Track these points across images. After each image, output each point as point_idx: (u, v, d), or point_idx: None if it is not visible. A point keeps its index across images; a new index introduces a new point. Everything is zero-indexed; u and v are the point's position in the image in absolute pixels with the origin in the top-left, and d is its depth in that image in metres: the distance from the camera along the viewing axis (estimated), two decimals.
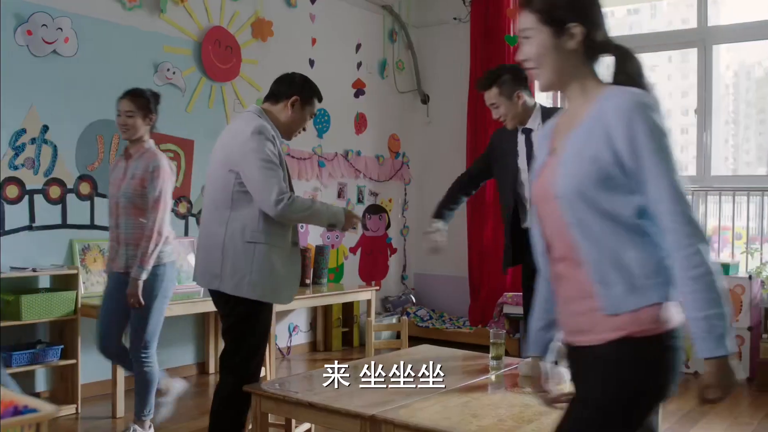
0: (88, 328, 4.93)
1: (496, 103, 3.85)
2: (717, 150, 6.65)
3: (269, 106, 3.52)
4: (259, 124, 3.33)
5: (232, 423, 3.41)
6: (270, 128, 3.38)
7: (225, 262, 3.33)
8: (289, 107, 3.48)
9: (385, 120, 7.60)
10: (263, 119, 3.41)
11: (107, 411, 4.77)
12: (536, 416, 2.89)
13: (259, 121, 3.36)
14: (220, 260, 3.34)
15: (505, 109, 3.84)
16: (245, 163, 3.27)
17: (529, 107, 3.89)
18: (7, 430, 1.45)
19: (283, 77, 3.58)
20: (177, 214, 5.69)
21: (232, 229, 3.33)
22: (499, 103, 3.84)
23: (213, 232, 3.38)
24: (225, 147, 3.41)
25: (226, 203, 3.35)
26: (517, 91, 3.83)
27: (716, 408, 5.05)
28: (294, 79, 3.57)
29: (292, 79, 3.56)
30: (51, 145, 4.95)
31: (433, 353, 4.08)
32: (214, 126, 5.93)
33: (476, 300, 7.33)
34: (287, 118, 3.50)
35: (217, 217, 3.37)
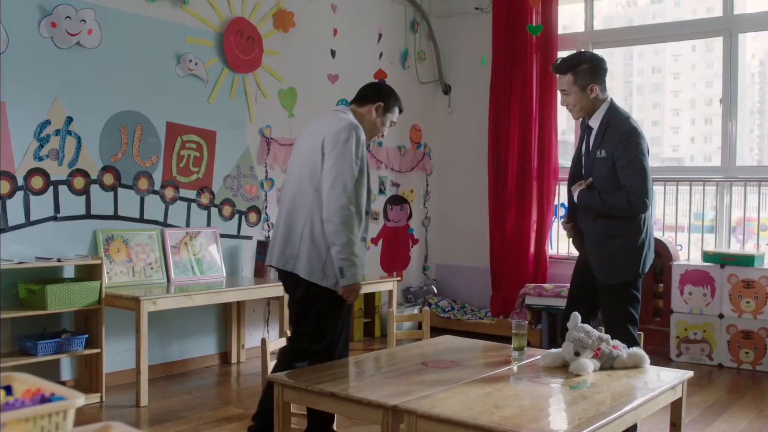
0: (112, 317, 4.98)
1: (568, 91, 3.79)
2: (742, 140, 6.58)
3: (355, 107, 3.66)
4: (354, 122, 3.49)
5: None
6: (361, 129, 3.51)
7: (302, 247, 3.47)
8: (373, 111, 3.63)
9: (406, 110, 7.50)
10: (353, 118, 3.54)
11: (131, 400, 4.81)
12: (559, 407, 2.89)
13: (352, 120, 3.51)
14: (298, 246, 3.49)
15: (575, 99, 3.79)
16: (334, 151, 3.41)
17: (599, 102, 3.81)
18: (35, 418, 1.47)
19: (371, 83, 3.83)
20: (200, 205, 5.72)
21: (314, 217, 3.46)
22: (570, 92, 3.79)
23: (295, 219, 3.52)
24: (315, 135, 3.52)
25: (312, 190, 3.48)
26: (591, 84, 3.77)
27: (741, 400, 5.02)
28: (381, 86, 3.78)
29: (380, 86, 3.78)
30: (75, 137, 4.99)
31: (454, 344, 4.08)
32: (236, 117, 5.96)
33: (498, 291, 7.32)
34: (370, 122, 3.63)
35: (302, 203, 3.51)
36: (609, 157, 3.70)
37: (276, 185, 6.27)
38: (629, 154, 3.66)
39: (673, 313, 6.15)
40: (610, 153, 3.69)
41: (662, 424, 4.00)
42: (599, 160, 3.74)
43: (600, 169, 3.74)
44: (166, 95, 5.49)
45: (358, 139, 3.44)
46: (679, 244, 6.70)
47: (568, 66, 3.79)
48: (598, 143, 3.74)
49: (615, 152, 3.68)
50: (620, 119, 3.75)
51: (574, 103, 3.80)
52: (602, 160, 3.73)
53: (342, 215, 3.39)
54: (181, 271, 5.47)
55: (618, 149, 3.67)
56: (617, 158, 3.68)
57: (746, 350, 5.84)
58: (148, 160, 5.40)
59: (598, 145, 3.74)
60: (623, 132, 3.69)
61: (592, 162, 3.76)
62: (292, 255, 3.50)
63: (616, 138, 3.68)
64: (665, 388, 3.24)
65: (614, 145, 3.68)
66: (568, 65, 3.79)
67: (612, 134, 3.70)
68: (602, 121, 3.77)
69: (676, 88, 8.15)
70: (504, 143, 7.25)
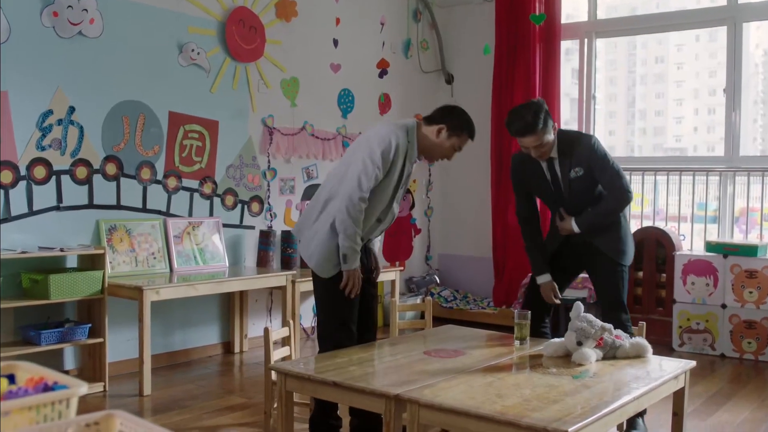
0: (114, 307, 4.99)
1: (541, 144, 3.85)
2: (745, 130, 6.56)
3: (424, 125, 3.70)
4: (396, 137, 3.55)
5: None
6: (403, 145, 3.58)
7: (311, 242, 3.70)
8: (436, 132, 3.65)
9: (409, 100, 7.57)
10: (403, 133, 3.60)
11: (134, 389, 4.83)
12: (561, 396, 2.89)
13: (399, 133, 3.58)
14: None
15: (548, 146, 3.90)
16: (358, 156, 3.57)
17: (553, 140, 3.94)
18: (38, 406, 1.47)
19: (447, 105, 3.79)
20: (202, 195, 5.72)
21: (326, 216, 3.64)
22: (542, 144, 3.86)
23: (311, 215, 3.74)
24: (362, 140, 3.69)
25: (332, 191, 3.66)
26: (553, 124, 3.89)
27: (743, 390, 5.02)
28: (453, 110, 3.75)
29: (451, 109, 3.75)
30: (77, 126, 4.98)
31: (457, 333, 4.08)
32: (238, 106, 5.95)
33: (500, 280, 7.32)
34: (431, 143, 3.67)
35: (322, 199, 3.70)
36: (586, 171, 3.93)
37: (279, 175, 6.26)
38: (601, 161, 3.91)
39: (675, 303, 6.15)
40: (585, 168, 3.92)
41: (665, 413, 4.00)
42: (577, 179, 3.95)
43: (580, 185, 3.96)
44: (169, 85, 5.48)
45: (389, 149, 3.53)
46: (682, 234, 6.70)
47: (534, 126, 3.81)
48: (568, 166, 3.94)
49: (590, 164, 3.91)
50: (574, 137, 4.00)
51: (548, 150, 3.92)
52: (580, 177, 3.95)
53: (352, 208, 3.51)
54: (184, 260, 5.47)
55: (591, 161, 3.91)
56: (593, 168, 3.92)
57: (749, 340, 5.84)
58: (151, 150, 5.39)
59: (569, 166, 3.94)
60: (586, 146, 3.93)
61: (568, 183, 3.96)
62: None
63: (585, 154, 3.91)
64: (668, 378, 3.25)
65: (585, 159, 3.91)
66: (533, 124, 3.80)
67: (579, 152, 3.91)
68: (561, 149, 3.93)
69: (680, 78, 8.11)
70: (506, 133, 7.19)
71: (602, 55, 7.51)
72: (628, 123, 8.35)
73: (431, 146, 3.69)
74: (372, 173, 3.52)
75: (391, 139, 3.54)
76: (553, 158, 3.98)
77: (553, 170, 4.01)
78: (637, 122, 8.30)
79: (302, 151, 6.44)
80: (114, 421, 1.45)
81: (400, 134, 3.59)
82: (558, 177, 4.00)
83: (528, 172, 4.09)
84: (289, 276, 5.62)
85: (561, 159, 3.95)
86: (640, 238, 6.46)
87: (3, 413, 1.42)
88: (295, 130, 6.38)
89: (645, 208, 6.97)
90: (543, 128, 3.81)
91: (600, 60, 7.41)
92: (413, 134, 3.65)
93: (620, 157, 7.53)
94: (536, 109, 3.82)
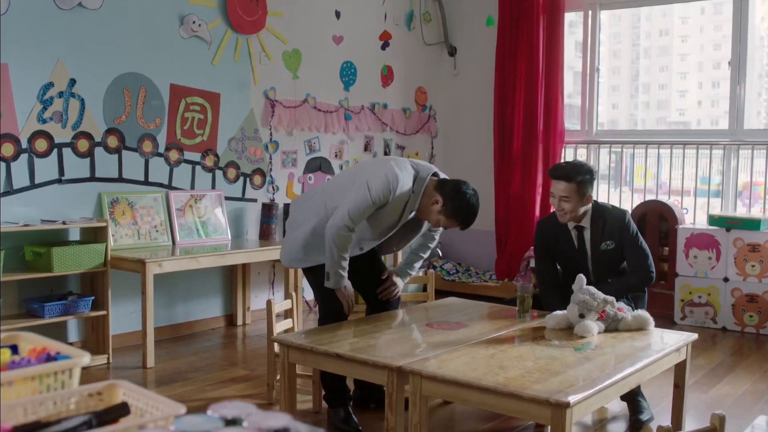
0: (117, 280, 5.00)
1: (568, 198, 3.89)
2: (750, 104, 6.52)
3: (435, 184, 3.65)
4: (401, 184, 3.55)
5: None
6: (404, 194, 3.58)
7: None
8: (434, 201, 3.62)
9: (411, 72, 7.52)
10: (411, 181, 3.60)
11: (138, 361, 4.85)
12: (563, 368, 2.90)
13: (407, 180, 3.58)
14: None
15: (573, 206, 3.92)
16: (361, 179, 3.59)
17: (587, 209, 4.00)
18: (41, 376, 1.47)
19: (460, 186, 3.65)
20: (204, 168, 5.71)
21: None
22: (570, 198, 3.90)
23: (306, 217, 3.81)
24: (368, 163, 3.78)
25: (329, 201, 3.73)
26: (589, 194, 3.97)
27: (744, 362, 5.03)
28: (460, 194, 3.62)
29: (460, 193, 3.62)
30: (78, 99, 4.96)
31: (459, 306, 4.09)
32: (240, 79, 5.91)
33: (503, 254, 7.32)
34: (426, 205, 3.64)
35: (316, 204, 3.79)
36: (617, 245, 3.98)
37: (281, 148, 6.25)
38: (632, 239, 3.98)
39: (678, 277, 6.15)
40: (617, 242, 3.97)
41: (666, 386, 4.02)
42: (607, 252, 3.99)
43: (610, 259, 4.00)
44: (170, 57, 5.45)
45: (386, 190, 3.53)
46: (685, 208, 6.68)
47: (573, 174, 3.89)
48: (598, 238, 3.98)
49: (622, 240, 3.97)
50: (610, 212, 4.05)
51: (570, 210, 3.92)
52: (610, 251, 3.99)
53: (338, 238, 3.53)
54: (187, 233, 5.48)
55: (623, 236, 3.97)
56: (624, 243, 3.97)
57: (750, 314, 5.85)
58: (152, 123, 5.37)
59: (600, 239, 3.98)
60: (619, 220, 4.00)
61: (598, 255, 3.99)
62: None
63: (617, 228, 3.97)
64: (669, 351, 3.26)
65: (618, 234, 3.97)
66: (573, 173, 3.89)
67: (612, 226, 3.98)
68: (594, 220, 3.99)
69: (684, 51, 8.07)
70: (510, 105, 7.21)
71: (606, 27, 7.45)
72: (631, 96, 8.32)
73: (425, 208, 3.67)
74: (361, 212, 3.54)
75: (390, 183, 3.54)
76: (584, 228, 4.02)
77: (582, 240, 4.03)
78: (640, 96, 8.26)
79: (304, 123, 6.42)
80: (117, 391, 1.46)
81: (407, 181, 3.59)
82: (585, 247, 4.02)
83: (554, 238, 4.08)
84: None
85: (593, 229, 3.99)
86: (642, 211, 6.45)
87: (6, 383, 1.42)
88: (297, 103, 6.35)
89: (648, 182, 6.95)
90: (578, 186, 3.88)
91: (604, 33, 7.35)
92: (421, 186, 3.64)
93: (623, 131, 7.51)
94: (583, 169, 3.94)
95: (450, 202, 3.59)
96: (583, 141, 7.23)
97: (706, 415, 2.43)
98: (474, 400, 2.72)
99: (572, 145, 7.24)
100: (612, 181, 7.29)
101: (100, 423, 1.31)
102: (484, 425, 3.82)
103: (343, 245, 3.55)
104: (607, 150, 7.23)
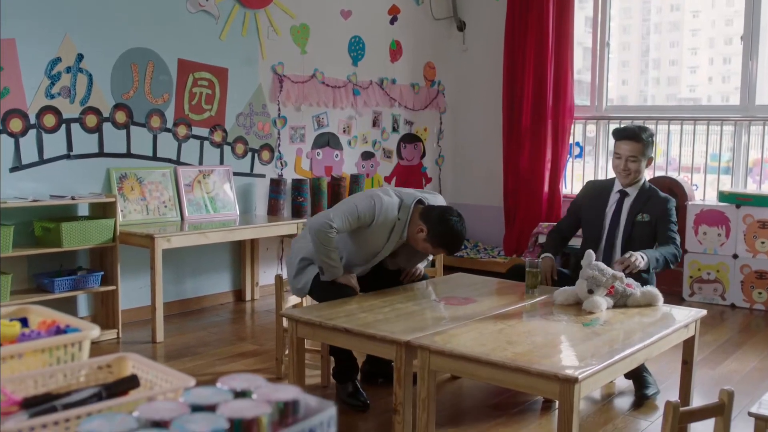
0: (126, 255, 5.01)
1: (635, 157, 4.01)
2: (762, 79, 6.45)
3: (420, 212, 3.67)
4: (384, 211, 3.62)
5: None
6: (388, 218, 3.63)
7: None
8: (418, 229, 3.64)
9: (420, 48, 7.47)
10: (395, 209, 3.65)
11: (147, 336, 4.87)
12: (571, 344, 2.90)
13: (390, 209, 3.64)
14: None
15: (639, 166, 4.04)
16: (349, 199, 3.79)
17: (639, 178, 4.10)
18: (51, 348, 1.48)
19: (443, 212, 3.66)
20: (212, 143, 5.70)
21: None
22: (638, 158, 4.02)
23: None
24: (371, 192, 3.81)
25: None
26: (651, 155, 4.12)
27: (752, 339, 5.03)
28: (443, 221, 3.63)
29: (443, 220, 3.62)
30: (86, 74, 4.95)
31: (467, 281, 4.09)
32: (248, 54, 5.89)
33: (511, 229, 7.31)
34: (413, 235, 3.68)
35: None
36: (652, 221, 4.02)
37: (289, 123, 6.23)
38: (669, 220, 4.01)
39: (687, 253, 6.13)
40: (654, 217, 4.02)
41: (674, 362, 4.01)
42: (641, 223, 4.04)
43: (642, 230, 4.03)
44: (177, 32, 5.42)
45: (371, 208, 3.62)
46: (695, 184, 6.65)
47: (640, 134, 4.03)
48: (638, 209, 4.05)
49: (658, 218, 4.01)
50: (658, 192, 4.12)
51: (636, 170, 4.04)
52: (645, 223, 4.04)
53: (321, 230, 3.57)
54: (195, 209, 5.48)
55: (661, 216, 4.01)
56: (659, 222, 4.01)
57: (759, 290, 5.83)
58: (160, 98, 5.36)
59: (639, 210, 4.04)
60: (663, 201, 4.06)
61: (631, 224, 4.04)
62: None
63: (659, 206, 4.03)
64: (678, 327, 3.25)
65: (657, 211, 4.02)
66: (641, 133, 4.04)
67: (655, 204, 4.04)
68: (642, 191, 4.07)
69: (695, 27, 7.97)
70: (519, 81, 7.16)
71: (616, 2, 7.37)
72: (641, 72, 8.24)
73: (412, 236, 3.69)
74: (346, 217, 3.60)
75: (375, 204, 3.62)
76: (627, 195, 4.08)
77: (619, 207, 4.09)
78: (650, 72, 8.18)
79: (312, 99, 6.39)
80: (126, 364, 1.46)
81: (392, 207, 3.65)
82: (621, 214, 4.07)
83: (594, 199, 4.17)
84: (299, 224, 5.62)
85: (636, 199, 4.06)
86: None
87: (16, 355, 1.43)
88: (306, 78, 6.33)
89: (658, 158, 6.91)
90: (644, 147, 4.01)
91: (614, 7, 7.28)
92: (406, 214, 3.67)
93: (633, 107, 7.46)
94: (648, 131, 4.08)
95: (434, 230, 3.61)
96: (593, 117, 7.18)
97: (714, 391, 2.43)
98: (482, 375, 2.72)
99: (581, 120, 7.20)
100: None
101: (109, 395, 1.32)
102: (492, 400, 3.83)
103: (325, 238, 3.57)
104: (617, 126, 7.18)
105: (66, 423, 1.18)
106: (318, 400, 1.14)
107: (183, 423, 1.01)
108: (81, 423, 1.03)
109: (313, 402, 1.13)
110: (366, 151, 6.98)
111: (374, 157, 7.07)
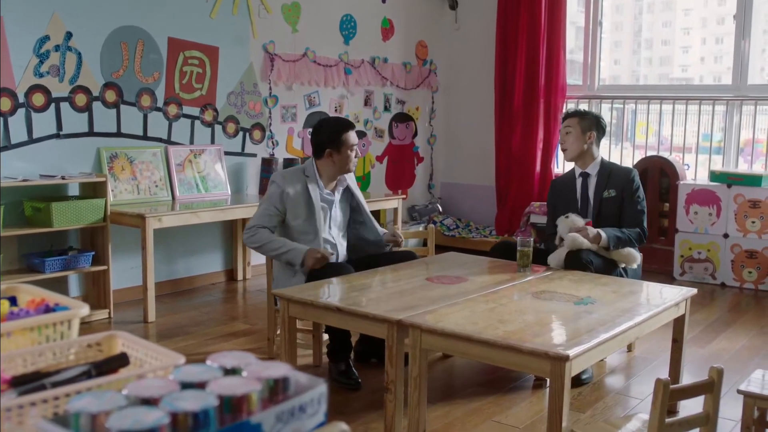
0: (117, 235, 5.00)
1: (571, 130, 4.19)
2: (754, 59, 6.44)
3: (317, 161, 3.88)
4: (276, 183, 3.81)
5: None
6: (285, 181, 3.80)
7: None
8: (326, 157, 3.85)
9: (412, 26, 7.43)
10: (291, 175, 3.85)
11: (139, 316, 4.87)
12: (563, 322, 2.91)
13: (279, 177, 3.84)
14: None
15: (574, 138, 4.18)
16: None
17: (591, 153, 4.22)
18: (40, 327, 1.47)
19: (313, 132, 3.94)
20: (203, 122, 5.67)
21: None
22: (571, 131, 4.18)
23: None
24: None
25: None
26: (591, 132, 4.18)
27: (742, 318, 5.06)
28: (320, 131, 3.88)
29: (318, 131, 3.88)
30: (75, 53, 4.90)
31: (459, 260, 4.09)
32: (238, 32, 5.84)
33: (503, 209, 7.31)
34: (332, 167, 3.87)
35: None
36: (618, 195, 4.14)
37: (280, 102, 6.20)
38: (634, 192, 4.14)
39: (678, 233, 6.15)
40: (619, 192, 4.13)
41: (664, 340, 4.04)
42: (608, 199, 4.15)
43: (609, 207, 4.14)
44: (167, 10, 5.37)
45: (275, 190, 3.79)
46: (686, 164, 6.66)
47: (577, 112, 4.28)
48: (603, 185, 4.17)
49: (624, 191, 4.13)
50: (618, 167, 4.32)
51: (572, 142, 4.19)
52: (611, 198, 4.15)
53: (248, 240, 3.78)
54: (186, 188, 5.46)
55: (626, 188, 4.14)
56: (624, 196, 4.13)
57: (749, 269, 5.86)
58: (150, 77, 5.32)
59: (604, 186, 4.17)
60: (625, 172, 4.21)
61: (599, 203, 4.17)
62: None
63: (622, 180, 4.15)
64: (668, 305, 3.26)
65: (621, 184, 4.14)
66: (579, 112, 4.29)
67: (617, 177, 4.17)
68: (602, 168, 4.21)
69: (688, 6, 7.94)
70: (511, 60, 7.14)
71: None
72: (634, 52, 8.22)
73: (335, 170, 3.88)
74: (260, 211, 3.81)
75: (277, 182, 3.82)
76: (589, 175, 4.21)
77: (585, 189, 4.22)
78: (643, 51, 8.17)
79: (304, 78, 6.36)
80: (116, 342, 1.46)
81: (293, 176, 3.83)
82: (589, 194, 4.20)
83: (561, 191, 4.32)
84: None
85: (598, 179, 4.18)
86: (643, 167, 6.43)
87: (5, 334, 1.42)
88: (297, 57, 6.29)
89: (650, 138, 6.91)
90: (580, 119, 4.19)
91: None
92: (311, 170, 3.85)
93: (625, 86, 7.45)
94: (593, 114, 4.32)
95: (328, 142, 3.82)
96: (585, 96, 7.17)
97: (704, 369, 2.44)
98: (474, 353, 2.73)
99: (573, 100, 7.18)
100: (613, 136, 7.25)
101: (99, 373, 1.31)
102: (483, 378, 3.84)
103: (256, 240, 3.74)
104: (609, 105, 7.18)
105: (55, 401, 1.17)
106: (308, 377, 1.13)
107: (172, 400, 1.00)
108: (70, 401, 1.03)
109: (304, 379, 1.13)
110: (358, 130, 6.94)
111: (366, 137, 7.05)
